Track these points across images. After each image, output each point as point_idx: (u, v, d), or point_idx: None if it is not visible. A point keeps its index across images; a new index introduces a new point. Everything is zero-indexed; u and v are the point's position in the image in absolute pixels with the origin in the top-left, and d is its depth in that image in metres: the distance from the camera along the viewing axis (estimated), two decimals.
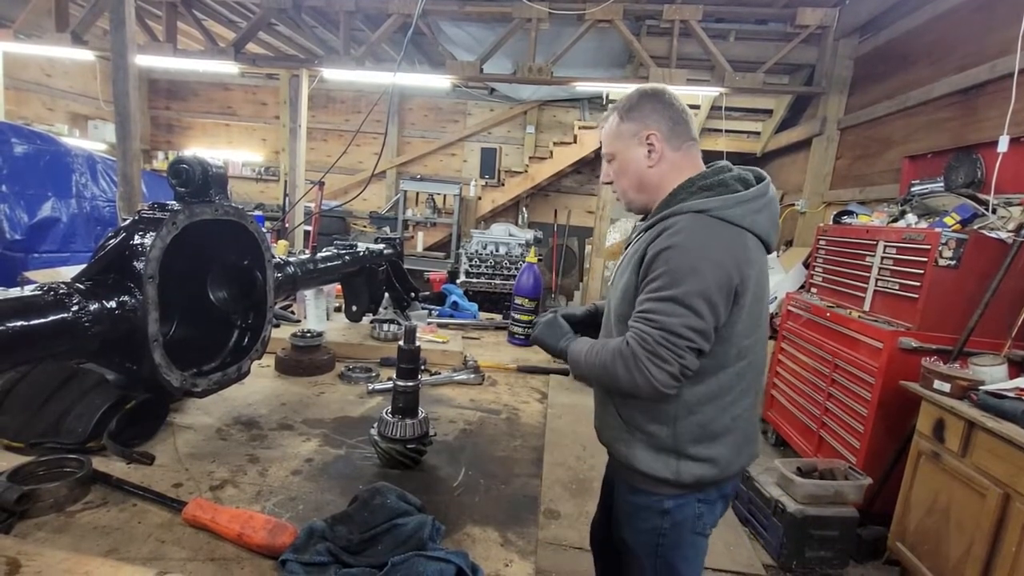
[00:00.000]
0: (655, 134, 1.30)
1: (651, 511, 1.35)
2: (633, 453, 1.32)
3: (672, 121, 1.32)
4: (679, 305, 1.13)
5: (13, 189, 4.18)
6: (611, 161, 1.39)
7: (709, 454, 1.27)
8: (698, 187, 1.25)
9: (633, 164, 1.34)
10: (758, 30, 5.07)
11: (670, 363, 1.13)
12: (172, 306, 1.13)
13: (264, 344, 1.23)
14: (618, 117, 1.36)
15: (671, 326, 1.13)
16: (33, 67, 7.11)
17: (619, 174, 1.38)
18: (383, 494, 0.91)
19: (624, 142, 1.35)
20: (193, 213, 1.00)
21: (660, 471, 1.28)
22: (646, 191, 1.35)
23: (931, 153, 3.63)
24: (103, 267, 0.92)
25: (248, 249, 1.20)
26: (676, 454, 1.28)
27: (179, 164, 1.01)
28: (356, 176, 8.21)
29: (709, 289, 1.14)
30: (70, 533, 0.84)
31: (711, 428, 1.26)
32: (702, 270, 1.14)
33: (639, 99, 1.34)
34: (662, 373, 1.13)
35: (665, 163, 1.32)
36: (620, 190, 1.40)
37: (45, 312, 0.79)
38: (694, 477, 1.28)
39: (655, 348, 1.13)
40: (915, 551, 2.46)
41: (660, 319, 1.14)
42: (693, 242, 1.16)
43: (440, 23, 5.28)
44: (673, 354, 1.13)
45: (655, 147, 1.31)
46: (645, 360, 1.13)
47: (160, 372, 0.95)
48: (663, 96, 1.34)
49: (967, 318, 2.66)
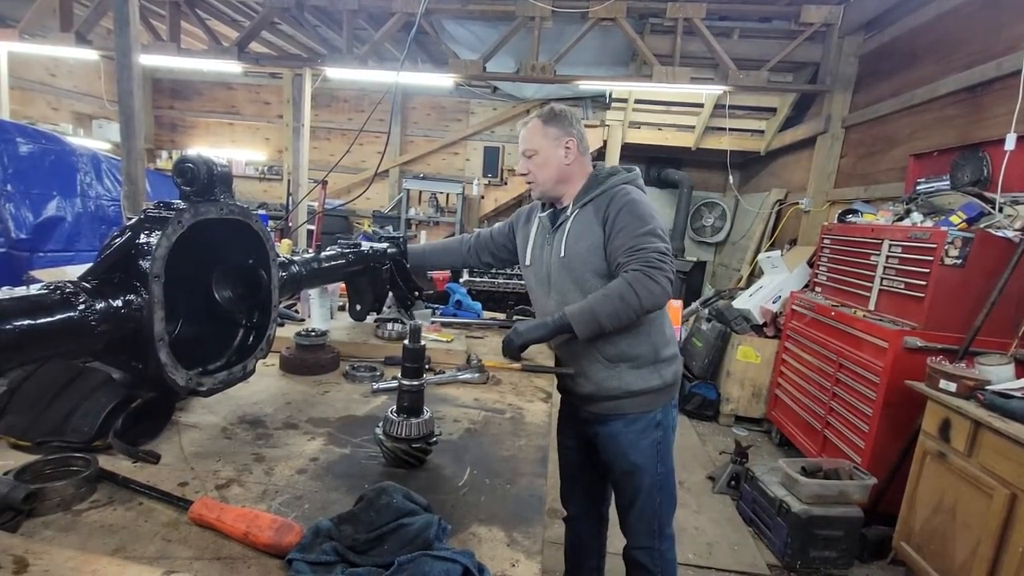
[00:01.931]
0: (573, 141, 1.75)
1: (648, 427, 1.76)
2: (625, 380, 1.71)
3: (581, 135, 1.78)
4: (654, 236, 1.59)
5: (18, 188, 4.19)
6: (532, 156, 1.77)
7: (673, 352, 1.78)
8: (606, 174, 1.77)
9: (554, 160, 1.75)
10: (762, 28, 5.05)
11: (668, 272, 1.54)
12: (177, 305, 1.13)
13: (269, 343, 1.23)
14: (542, 123, 1.77)
15: (659, 248, 1.56)
16: (38, 67, 7.12)
17: (541, 167, 1.76)
18: (389, 493, 0.91)
19: (548, 141, 1.75)
20: (198, 212, 1.00)
21: (651, 382, 1.72)
22: (562, 183, 1.78)
23: (937, 151, 3.61)
24: (109, 266, 0.91)
25: (253, 248, 1.20)
26: (655, 363, 1.73)
27: (184, 163, 1.01)
28: (359, 175, 8.21)
29: (663, 227, 1.64)
30: (77, 532, 0.84)
31: (666, 331, 1.76)
32: (654, 215, 1.65)
33: (559, 112, 1.77)
34: (666, 280, 1.53)
35: (577, 163, 1.77)
36: (540, 179, 1.77)
37: (52, 311, 0.79)
38: (673, 375, 1.77)
39: (657, 263, 1.52)
40: (920, 551, 2.45)
41: (649, 246, 1.55)
42: (640, 199, 1.68)
43: (443, 21, 5.27)
44: (667, 266, 1.55)
45: (571, 150, 1.75)
46: (655, 273, 1.51)
47: (166, 371, 0.95)
48: (575, 116, 1.80)
49: (973, 317, 2.65)
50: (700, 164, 7.47)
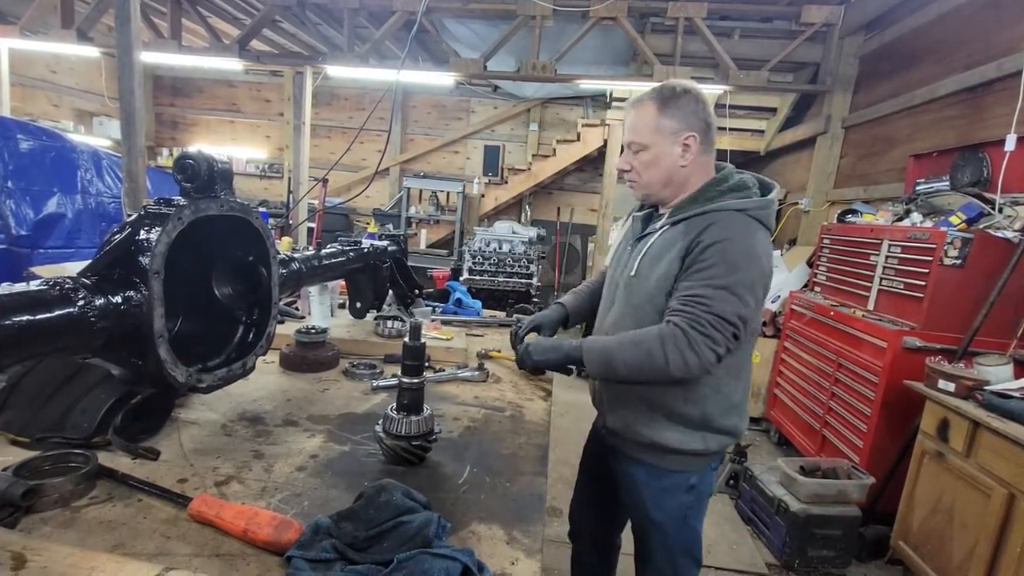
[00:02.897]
0: (695, 137, 1.34)
1: (679, 489, 1.45)
2: (660, 434, 1.39)
3: (707, 126, 1.36)
4: (731, 293, 1.21)
5: (19, 185, 4.19)
6: (639, 152, 1.39)
7: (731, 424, 1.41)
8: (727, 187, 1.35)
9: (667, 160, 1.37)
10: (763, 28, 5.05)
11: (719, 344, 1.20)
12: (177, 302, 1.13)
13: (269, 340, 1.23)
14: (656, 109, 1.35)
15: (723, 312, 1.20)
16: (39, 64, 7.12)
17: (648, 166, 1.39)
18: (388, 491, 0.91)
19: (663, 137, 1.35)
20: (198, 209, 1.00)
21: (690, 444, 1.39)
22: (671, 186, 1.40)
23: (937, 152, 3.61)
24: (109, 262, 0.92)
25: (253, 245, 1.20)
26: (704, 427, 1.39)
27: (184, 160, 1.01)
28: (359, 173, 8.21)
29: (755, 281, 1.25)
30: (76, 528, 0.84)
31: (732, 401, 1.39)
32: (751, 264, 1.24)
33: (682, 94, 1.35)
34: (711, 353, 1.20)
35: (695, 165, 1.37)
36: (644, 181, 1.41)
37: (51, 307, 0.79)
38: (719, 446, 1.42)
39: (708, 330, 1.19)
40: (918, 551, 2.45)
41: (714, 304, 1.20)
42: (742, 238, 1.26)
43: (444, 20, 5.27)
44: (723, 337, 1.20)
45: (691, 148, 1.35)
46: (699, 340, 1.19)
47: (166, 368, 0.95)
48: (702, 97, 1.37)
49: (972, 317, 2.65)
50: None
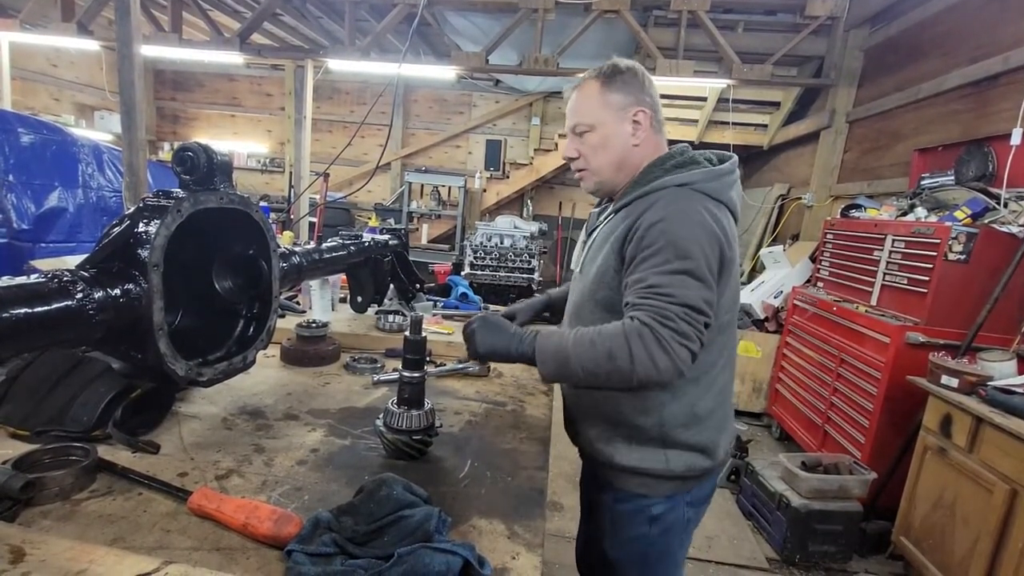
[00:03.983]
0: (644, 112, 1.22)
1: (638, 518, 1.24)
2: (618, 451, 1.21)
3: (657, 102, 1.26)
4: (693, 278, 1.04)
5: (20, 179, 4.19)
6: (585, 134, 1.23)
7: (699, 440, 1.19)
8: (671, 165, 1.19)
9: (617, 139, 1.22)
10: (767, 21, 5.01)
11: (694, 340, 1.02)
12: (178, 295, 1.13)
13: (269, 334, 1.22)
14: (600, 85, 1.22)
15: (692, 300, 1.03)
16: (39, 57, 7.10)
17: (597, 149, 1.23)
18: (389, 485, 0.91)
19: (610, 113, 1.21)
20: (198, 201, 0.99)
21: (649, 463, 1.19)
22: (625, 170, 1.24)
23: (942, 146, 3.59)
24: (108, 255, 0.91)
25: (253, 239, 1.20)
26: (663, 443, 1.19)
27: (184, 152, 1.00)
28: (361, 168, 8.20)
29: (711, 260, 1.07)
30: (75, 521, 0.84)
31: (697, 410, 1.18)
32: (702, 241, 1.07)
33: (625, 70, 1.22)
34: (686, 352, 1.02)
35: (648, 144, 1.24)
36: (594, 166, 1.25)
37: (49, 299, 0.78)
38: (685, 466, 1.19)
39: (679, 325, 1.01)
40: (920, 546, 2.45)
41: (678, 293, 1.03)
42: (687, 214, 1.09)
43: (445, 13, 5.24)
44: (696, 331, 1.03)
45: (642, 125, 1.22)
46: (671, 340, 1.00)
47: (165, 361, 0.94)
48: (647, 75, 1.25)
49: (976, 313, 2.64)
50: None
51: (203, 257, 1.19)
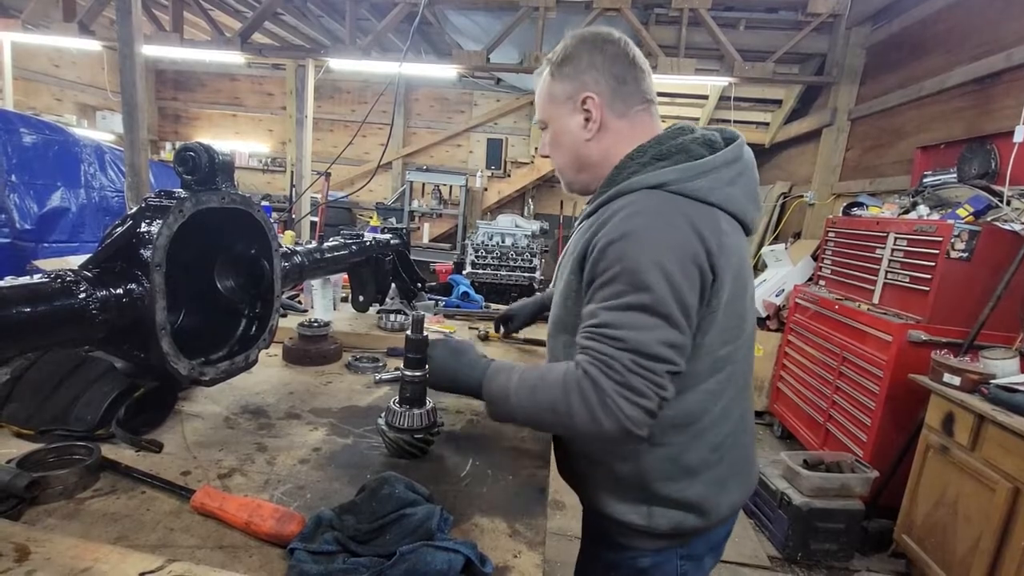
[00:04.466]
0: (592, 97, 1.01)
1: (625, 570, 1.09)
2: (598, 494, 1.07)
3: (616, 79, 1.01)
4: (650, 315, 0.85)
5: (23, 179, 4.20)
6: (545, 130, 1.10)
7: (686, 496, 1.01)
8: (651, 156, 0.97)
9: (568, 136, 1.05)
10: (768, 19, 4.99)
11: (647, 396, 0.85)
12: (180, 295, 1.14)
13: (272, 333, 1.23)
14: (550, 73, 1.05)
15: (644, 345, 0.84)
16: (41, 57, 7.11)
17: (554, 146, 1.10)
18: (391, 484, 0.91)
19: (557, 107, 1.05)
20: (199, 201, 0.99)
21: (629, 516, 1.03)
22: (587, 169, 1.07)
23: (944, 144, 3.58)
24: (110, 255, 0.91)
25: (255, 238, 1.20)
26: (644, 495, 1.02)
27: (185, 151, 1.01)
28: (362, 167, 8.20)
29: (682, 291, 0.86)
30: (79, 520, 0.84)
31: (684, 462, 1.00)
32: (669, 267, 0.86)
33: (575, 47, 1.02)
34: (636, 410, 0.84)
35: (608, 134, 1.03)
36: (558, 167, 1.13)
37: (52, 299, 0.79)
38: (671, 524, 1.02)
39: (627, 378, 0.84)
40: (922, 544, 2.45)
41: (628, 336, 0.85)
42: (651, 228, 0.88)
43: (446, 12, 5.23)
44: (651, 384, 0.85)
45: (592, 114, 1.01)
46: (615, 396, 0.84)
47: (168, 360, 0.95)
48: (607, 44, 1.01)
49: (979, 311, 2.64)
50: None
51: (205, 256, 1.19)
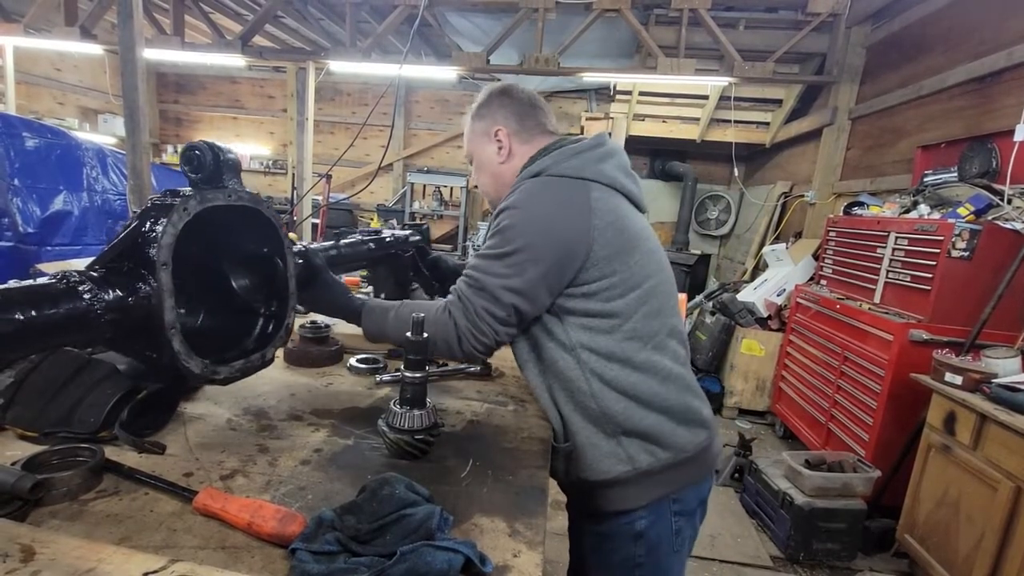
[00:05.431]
0: (502, 129, 1.32)
1: (622, 537, 1.17)
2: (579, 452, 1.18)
3: (519, 116, 1.33)
4: (505, 264, 1.10)
5: (25, 183, 4.22)
6: (471, 163, 1.42)
7: (649, 425, 1.14)
8: (535, 159, 1.26)
9: (486, 161, 1.37)
10: (768, 18, 5.00)
11: (487, 336, 1.13)
12: (197, 297, 1.15)
13: (288, 331, 1.22)
14: (471, 117, 1.40)
15: (496, 291, 1.10)
16: (43, 61, 7.14)
17: (478, 171, 1.41)
18: (391, 484, 0.91)
19: (477, 141, 1.38)
20: (205, 199, 0.99)
21: (611, 464, 1.14)
22: (502, 187, 1.33)
23: (945, 143, 3.57)
24: (117, 255, 0.92)
25: (267, 236, 1.20)
26: (616, 435, 1.15)
27: (190, 150, 1.01)
28: (363, 169, 8.21)
29: (544, 248, 1.09)
30: (83, 521, 0.85)
31: (638, 394, 1.13)
32: (533, 227, 1.10)
33: (487, 98, 1.38)
34: (481, 345, 1.14)
35: (516, 157, 1.33)
36: (482, 188, 1.42)
37: (58, 300, 0.79)
38: (649, 458, 1.14)
39: (476, 322, 1.12)
40: (924, 544, 2.45)
41: (485, 281, 1.11)
42: (528, 200, 1.13)
43: (446, 14, 5.25)
44: (492, 326, 1.12)
45: (503, 143, 1.32)
46: (467, 334, 1.13)
47: (180, 359, 0.94)
48: (511, 92, 1.36)
49: (980, 310, 2.64)
50: (705, 157, 7.42)
51: (219, 257, 1.20)
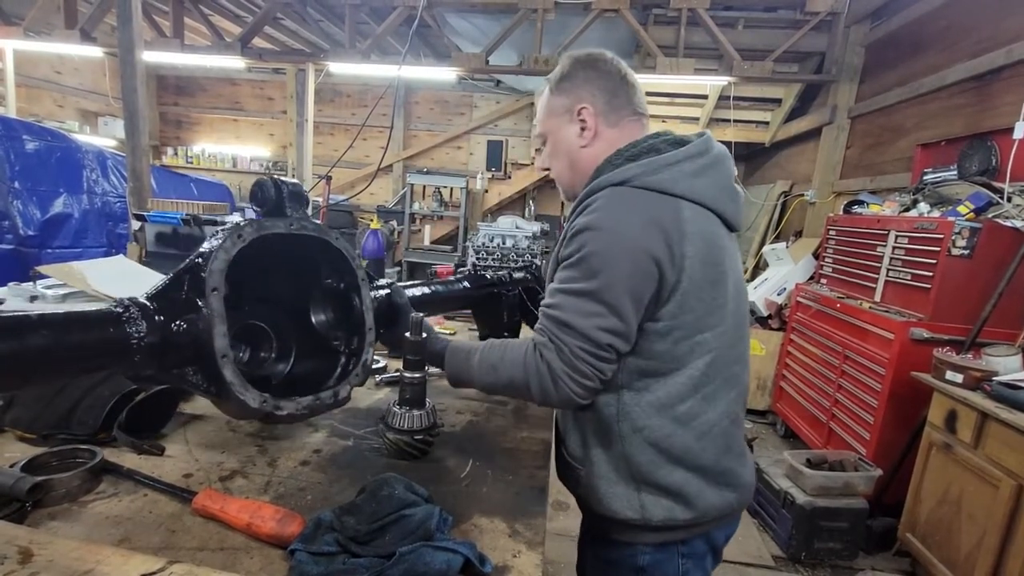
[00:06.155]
0: (587, 108, 1.10)
1: (623, 567, 1.10)
2: (592, 492, 1.08)
3: (609, 92, 1.11)
4: (597, 302, 0.95)
5: (26, 185, 4.23)
6: (544, 143, 1.20)
7: (674, 482, 1.02)
8: (624, 158, 1.05)
9: (564, 144, 1.15)
10: (767, 17, 4.99)
11: (590, 378, 0.96)
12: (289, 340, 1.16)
13: (366, 369, 1.15)
14: (549, 91, 1.16)
15: (589, 331, 0.95)
16: (43, 64, 7.15)
17: (552, 156, 1.18)
18: (391, 485, 0.91)
19: (556, 119, 1.15)
20: (262, 227, 0.97)
21: (624, 512, 1.04)
22: (580, 174, 1.13)
23: (944, 141, 3.57)
24: (175, 282, 0.90)
25: (340, 270, 1.16)
26: (634, 483, 1.03)
27: (255, 187, 1.01)
28: (363, 170, 8.21)
29: (633, 278, 0.95)
30: (82, 522, 0.85)
31: (667, 447, 1.01)
32: (619, 257, 0.94)
33: (571, 68, 1.14)
34: (581, 389, 0.97)
35: (601, 141, 1.11)
36: (556, 175, 1.21)
37: (105, 328, 0.79)
38: (664, 514, 1.02)
39: (575, 363, 0.95)
40: (926, 542, 2.45)
41: (576, 321, 0.95)
42: (610, 221, 0.96)
43: (445, 15, 5.25)
44: (593, 368, 0.96)
45: (587, 123, 1.11)
46: (565, 378, 0.96)
47: (234, 391, 0.89)
48: (599, 64, 1.13)
49: (980, 308, 2.63)
50: None
51: (308, 298, 1.19)
